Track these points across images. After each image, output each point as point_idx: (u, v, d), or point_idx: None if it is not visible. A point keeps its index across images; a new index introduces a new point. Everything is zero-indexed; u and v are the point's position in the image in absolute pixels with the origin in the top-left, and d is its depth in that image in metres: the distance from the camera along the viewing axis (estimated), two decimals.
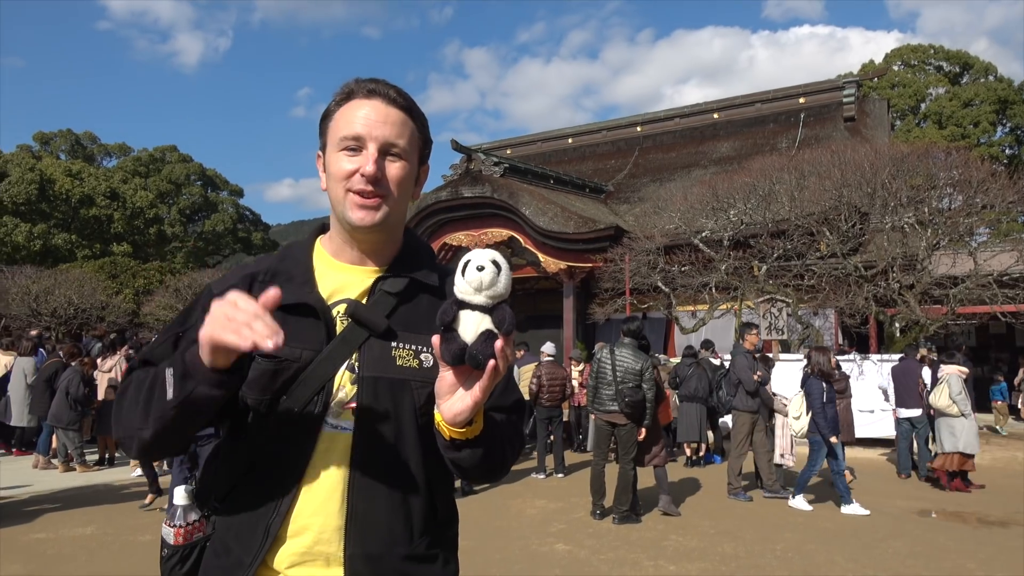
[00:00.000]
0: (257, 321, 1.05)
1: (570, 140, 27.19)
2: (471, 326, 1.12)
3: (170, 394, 1.15)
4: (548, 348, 9.97)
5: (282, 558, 1.25)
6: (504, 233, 17.10)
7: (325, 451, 1.26)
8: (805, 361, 8.68)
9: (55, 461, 9.66)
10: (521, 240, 16.91)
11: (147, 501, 7.36)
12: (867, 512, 7.41)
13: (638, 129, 25.69)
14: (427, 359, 1.30)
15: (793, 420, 8.01)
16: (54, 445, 9.76)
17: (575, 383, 10.81)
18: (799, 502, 7.76)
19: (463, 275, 1.14)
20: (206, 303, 1.24)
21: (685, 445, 10.72)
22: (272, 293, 1.10)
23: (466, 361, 1.11)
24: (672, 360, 13.45)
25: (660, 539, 6.41)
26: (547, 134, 28.34)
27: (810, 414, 7.60)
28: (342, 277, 1.36)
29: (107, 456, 10.14)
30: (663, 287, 15.06)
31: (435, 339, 1.13)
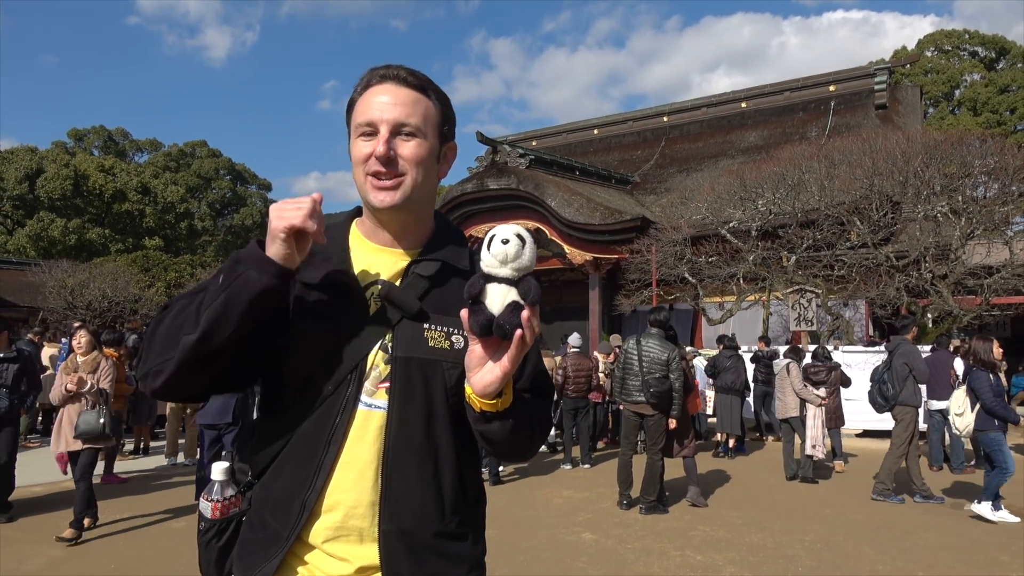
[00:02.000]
0: (305, 205, 1.19)
1: (596, 131, 27.07)
2: (498, 298, 1.15)
3: (220, 279, 1.20)
4: (574, 339, 9.98)
5: (317, 533, 1.29)
6: (530, 225, 17.09)
7: (359, 429, 1.30)
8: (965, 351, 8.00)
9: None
10: (547, 232, 16.91)
11: (67, 535, 5.71)
12: (1016, 519, 6.71)
13: (664, 119, 25.50)
14: (458, 341, 1.33)
15: (956, 417, 7.19)
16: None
17: (601, 374, 10.78)
18: (984, 509, 6.79)
19: (488, 249, 1.17)
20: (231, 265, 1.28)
21: (720, 435, 10.66)
22: (317, 195, 1.22)
23: (493, 332, 1.14)
24: (701, 352, 13.40)
25: (687, 529, 6.40)
26: (572, 125, 28.24)
27: (976, 409, 6.82)
28: (376, 259, 1.39)
29: (142, 445, 10.37)
30: (690, 278, 14.97)
31: (463, 312, 1.16)
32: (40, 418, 11.78)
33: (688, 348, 11.65)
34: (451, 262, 1.40)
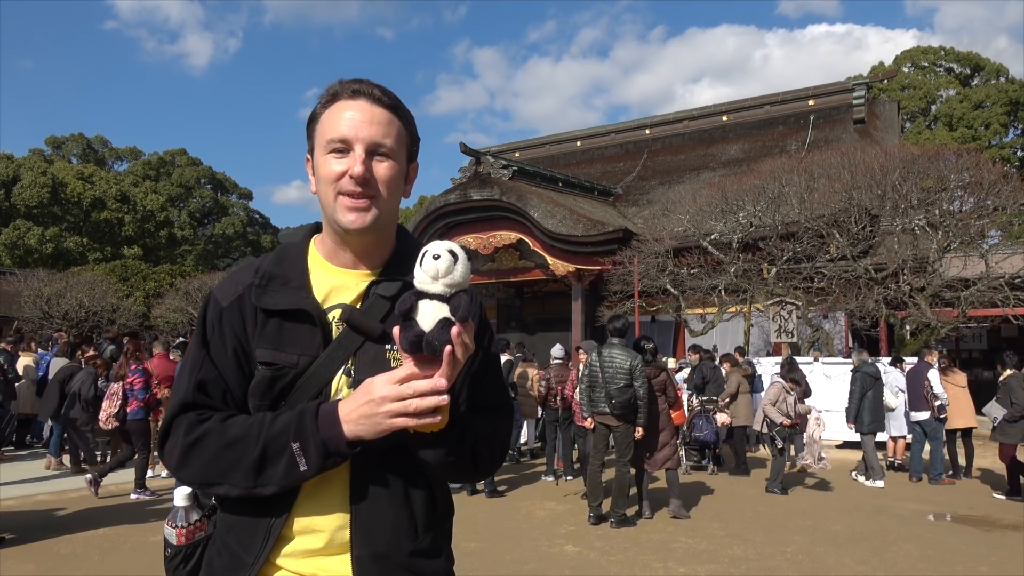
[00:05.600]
0: (421, 396, 1.14)
1: (579, 143, 27.21)
2: (429, 314, 1.14)
3: (303, 466, 1.20)
4: (556, 351, 9.97)
5: (285, 557, 1.27)
6: (513, 236, 17.13)
7: None
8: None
9: (66, 461, 9.72)
10: (530, 243, 16.93)
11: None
12: None
13: (647, 131, 25.69)
14: None
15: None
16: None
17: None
18: None
19: (420, 265, 1.16)
20: (215, 317, 1.32)
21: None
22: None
23: (423, 349, 1.12)
24: (678, 362, 13.44)
25: (669, 541, 6.40)
26: (555, 137, 28.37)
27: None
28: (336, 281, 1.36)
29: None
30: (672, 289, 15.04)
31: (395, 329, 1.14)
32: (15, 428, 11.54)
33: (672, 362, 11.70)
34: (411, 281, 1.35)
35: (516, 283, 19.45)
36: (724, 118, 24.16)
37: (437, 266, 1.14)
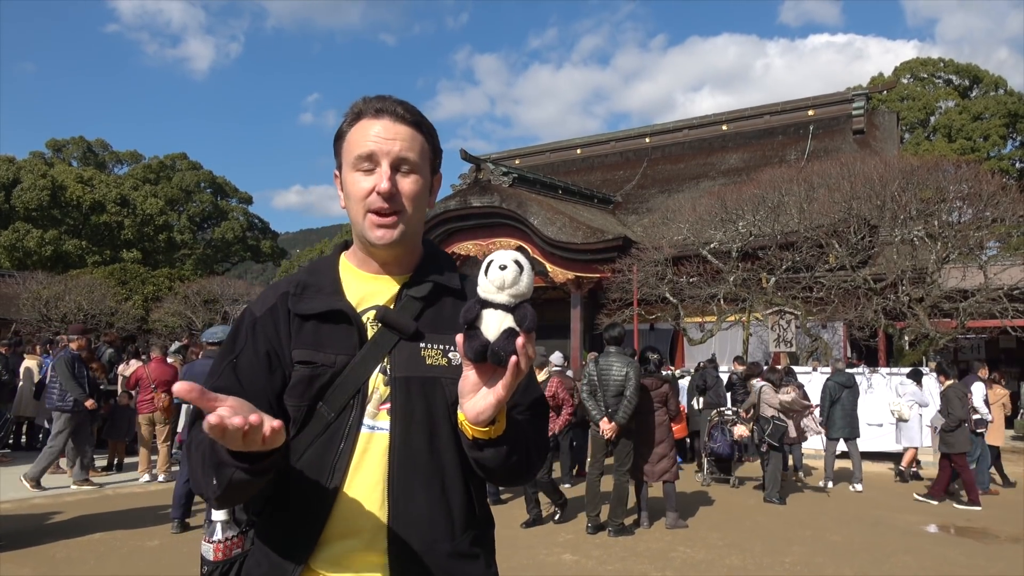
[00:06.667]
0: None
1: (579, 151, 27.26)
2: (493, 324, 1.14)
3: (214, 482, 1.15)
4: (556, 358, 9.95)
5: (326, 561, 1.28)
6: (512, 243, 17.13)
7: (363, 452, 1.29)
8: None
9: (63, 465, 9.69)
10: (529, 250, 16.93)
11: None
12: None
13: (647, 140, 25.74)
14: (455, 357, 1.33)
15: None
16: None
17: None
18: None
19: (486, 274, 1.16)
20: (249, 326, 1.35)
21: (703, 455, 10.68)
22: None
23: (488, 358, 1.13)
24: (680, 371, 13.46)
25: (667, 550, 6.38)
26: (556, 144, 28.43)
27: None
28: (368, 286, 1.41)
29: (115, 461, 10.17)
30: (671, 298, 15.05)
31: (459, 337, 1.16)
32: (12, 430, 11.52)
33: (677, 370, 11.75)
34: (443, 282, 1.41)
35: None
36: (724, 127, 24.23)
37: (504, 276, 1.14)
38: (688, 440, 12.01)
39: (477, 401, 1.17)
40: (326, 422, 1.30)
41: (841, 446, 10.06)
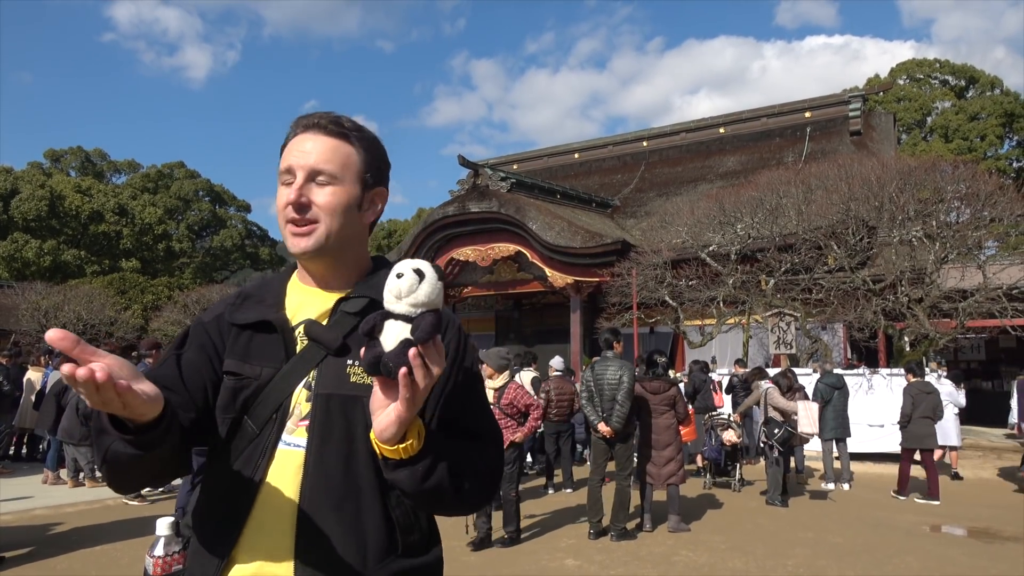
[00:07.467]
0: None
1: (576, 155, 27.31)
2: (392, 335, 1.10)
3: (96, 451, 1.17)
4: (556, 363, 9.95)
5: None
6: (511, 248, 17.14)
7: (279, 469, 1.26)
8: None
9: (64, 475, 9.68)
10: (528, 255, 16.94)
11: None
12: None
13: (644, 144, 25.79)
14: None
15: None
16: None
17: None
18: None
19: (387, 284, 1.13)
20: (196, 330, 1.38)
21: (699, 458, 10.68)
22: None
23: (380, 370, 1.09)
24: (678, 374, 13.45)
25: (670, 554, 6.37)
26: (553, 149, 28.47)
27: None
28: (305, 298, 1.39)
29: None
30: (670, 301, 15.05)
31: (362, 349, 1.13)
32: (12, 441, 11.49)
33: (678, 373, 11.75)
34: (379, 298, 1.28)
35: (514, 295, 19.45)
36: (721, 130, 24.27)
37: (399, 285, 1.11)
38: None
39: (382, 418, 1.12)
40: (249, 436, 1.27)
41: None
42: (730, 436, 9.59)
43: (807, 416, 8.67)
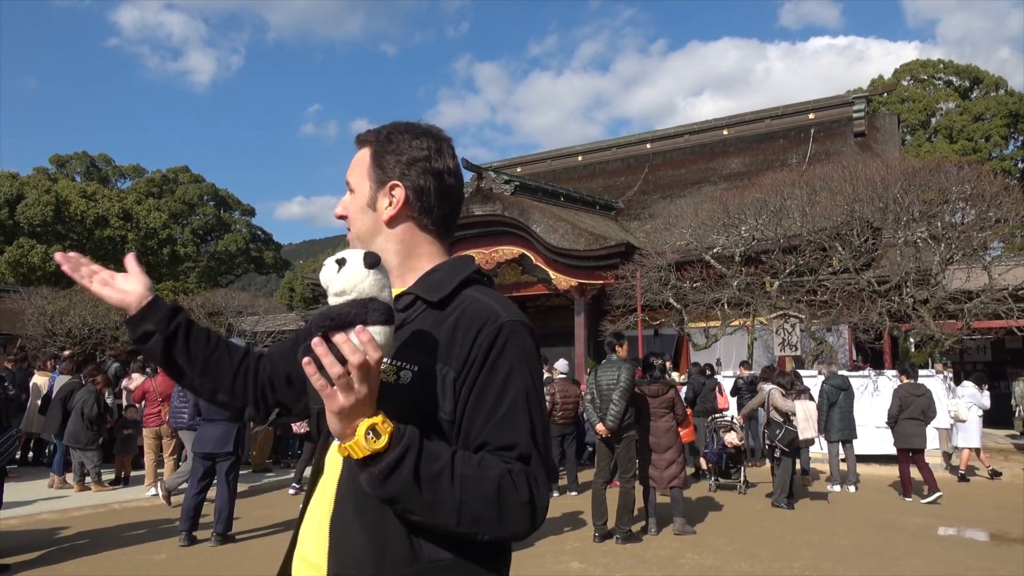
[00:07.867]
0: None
1: (580, 157, 27.30)
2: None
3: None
4: (561, 365, 9.96)
5: (293, 570, 1.32)
6: (515, 251, 17.14)
7: (331, 460, 1.30)
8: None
9: (70, 480, 9.70)
10: (532, 258, 16.95)
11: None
12: None
13: (648, 146, 25.78)
14: (405, 376, 1.22)
15: None
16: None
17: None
18: None
19: None
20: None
21: (703, 460, 10.65)
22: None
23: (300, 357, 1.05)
24: (680, 377, 13.44)
25: (676, 557, 6.36)
26: (557, 152, 28.48)
27: None
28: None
29: (123, 475, 10.17)
30: (675, 303, 15.03)
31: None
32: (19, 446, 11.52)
33: (675, 374, 11.72)
34: (422, 295, 1.31)
35: (519, 298, 19.43)
36: (725, 132, 24.25)
37: (322, 275, 1.11)
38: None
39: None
40: (325, 434, 1.32)
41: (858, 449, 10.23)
42: (732, 438, 9.57)
43: (806, 419, 8.64)
